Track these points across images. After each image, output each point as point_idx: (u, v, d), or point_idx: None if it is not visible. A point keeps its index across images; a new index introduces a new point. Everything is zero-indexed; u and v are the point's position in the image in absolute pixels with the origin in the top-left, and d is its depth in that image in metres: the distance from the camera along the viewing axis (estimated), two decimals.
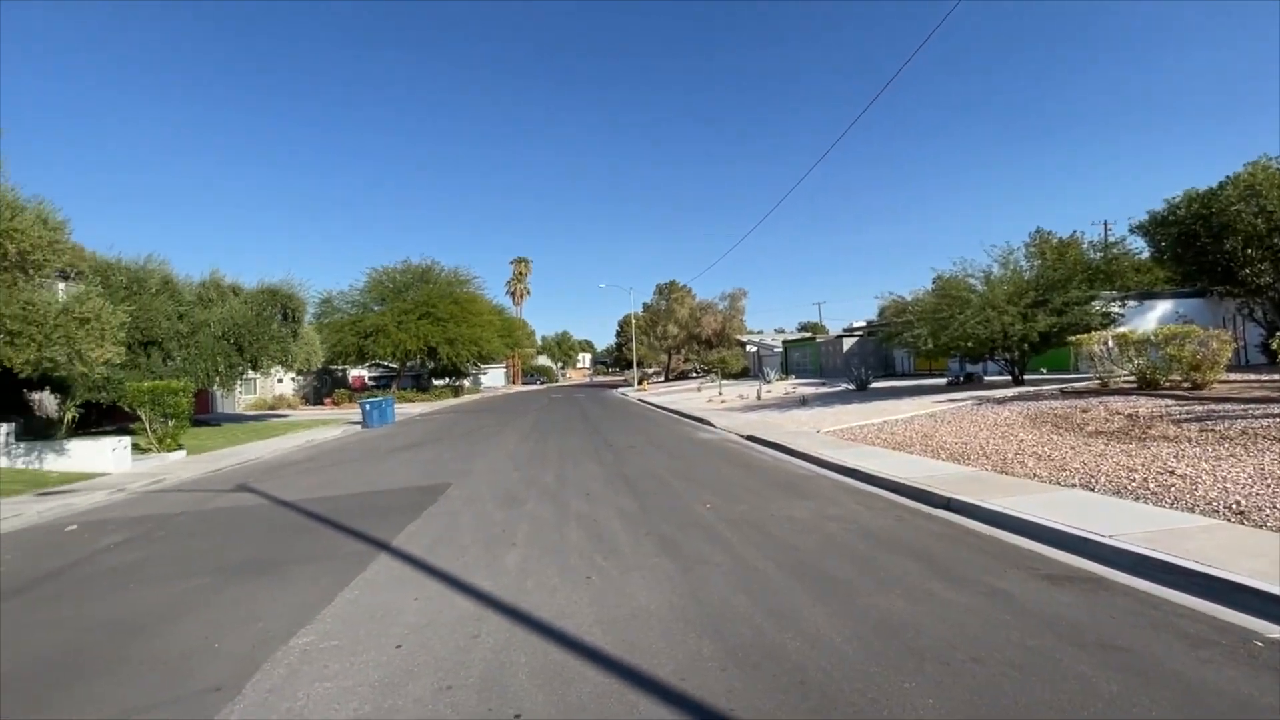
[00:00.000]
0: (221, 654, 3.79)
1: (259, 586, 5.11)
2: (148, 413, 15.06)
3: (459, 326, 40.76)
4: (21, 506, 9.27)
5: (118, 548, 6.81)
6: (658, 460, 11.10)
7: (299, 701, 3.14)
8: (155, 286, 20.50)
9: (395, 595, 4.68)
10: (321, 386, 44.63)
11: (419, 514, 7.47)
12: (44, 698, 3.37)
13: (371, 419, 23.09)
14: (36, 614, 4.80)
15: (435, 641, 3.79)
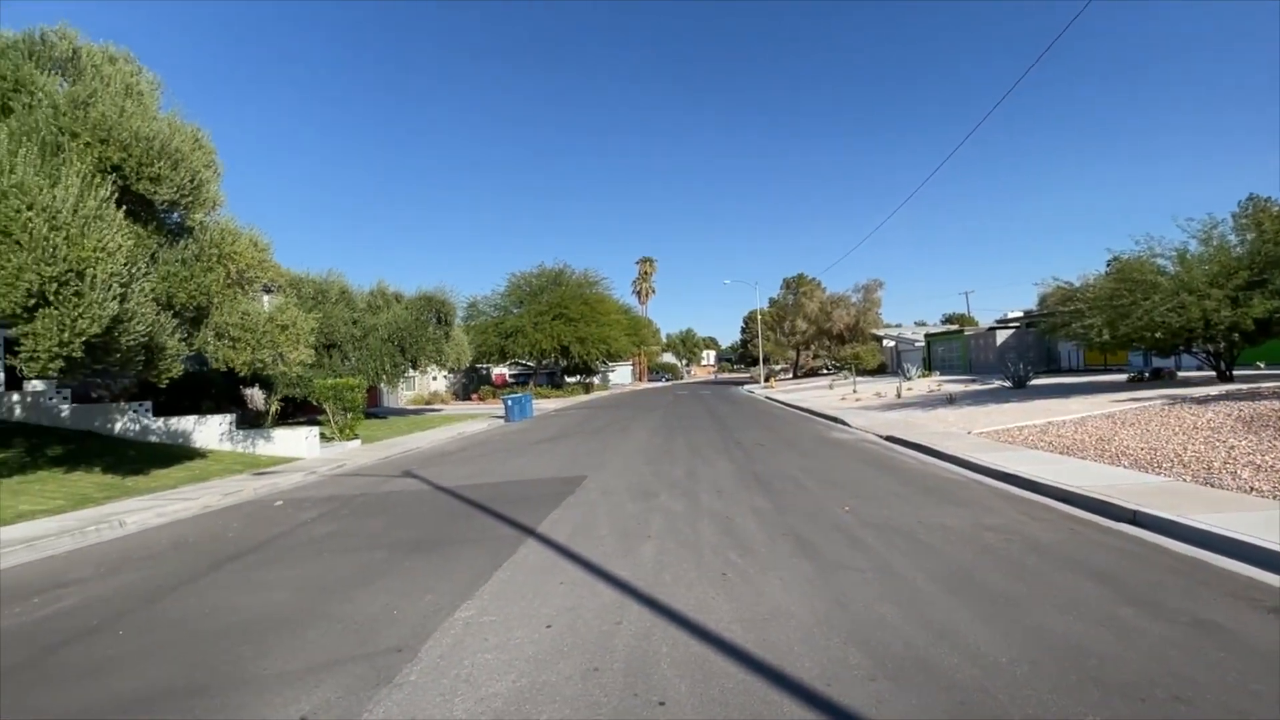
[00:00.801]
0: (399, 620, 4.28)
1: (426, 562, 5.69)
2: (331, 406, 17.34)
3: (589, 326, 42.56)
4: (243, 483, 11.08)
5: (313, 522, 7.91)
6: (789, 459, 10.81)
7: (465, 668, 3.46)
8: (335, 296, 23.52)
9: (543, 579, 5.00)
10: (469, 383, 48.60)
11: (559, 504, 7.90)
12: (268, 641, 4.02)
13: (513, 414, 24.77)
14: (258, 574, 5.72)
15: (581, 625, 3.99)
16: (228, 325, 11.73)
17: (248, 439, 15.38)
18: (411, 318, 24.23)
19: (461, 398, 45.78)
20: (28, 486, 10.17)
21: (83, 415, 14.96)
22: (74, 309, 7.85)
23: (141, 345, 9.43)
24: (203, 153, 11.82)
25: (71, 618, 4.79)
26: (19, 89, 10.13)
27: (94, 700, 3.37)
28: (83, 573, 6.17)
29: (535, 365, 48.28)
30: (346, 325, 22.93)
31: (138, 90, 11.83)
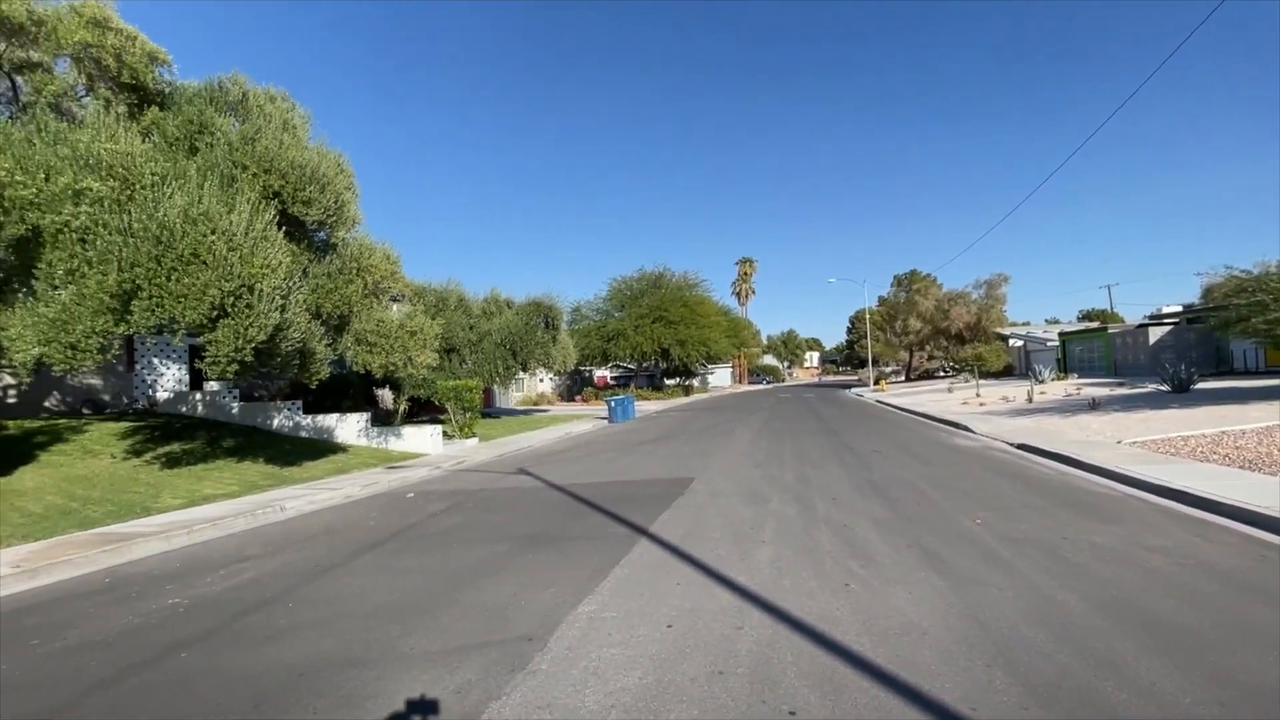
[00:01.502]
0: (526, 609, 4.50)
1: (546, 556, 5.95)
2: (452, 406, 18.57)
3: (688, 328, 42.64)
4: (378, 476, 12.13)
5: (441, 514, 8.51)
6: (908, 467, 10.21)
7: (592, 661, 3.57)
8: (453, 303, 25.18)
9: (659, 578, 5.06)
10: (573, 385, 50.24)
11: (669, 505, 7.96)
12: (411, 622, 4.37)
13: (616, 415, 25.30)
14: (397, 561, 6.24)
15: (701, 627, 4.00)
16: (366, 331, 12.90)
17: (380, 435, 16.81)
18: (522, 323, 25.42)
19: (566, 399, 47.41)
20: (210, 473, 11.75)
21: (248, 412, 17.05)
22: (246, 319, 8.98)
23: (297, 350, 10.60)
24: (344, 176, 13.10)
25: (250, 589, 5.47)
26: (202, 130, 11.75)
27: (275, 663, 3.83)
28: (255, 551, 7.03)
29: (636, 367, 49.04)
30: (464, 330, 24.48)
31: (292, 124, 13.32)
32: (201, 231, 8.73)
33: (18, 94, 11.39)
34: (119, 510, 8.89)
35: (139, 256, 8.41)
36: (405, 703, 3.21)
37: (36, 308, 8.47)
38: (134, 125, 10.75)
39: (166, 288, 8.45)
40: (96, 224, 8.41)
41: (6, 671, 3.94)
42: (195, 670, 3.81)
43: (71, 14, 10.77)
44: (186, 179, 9.74)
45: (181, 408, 17.27)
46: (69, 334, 8.22)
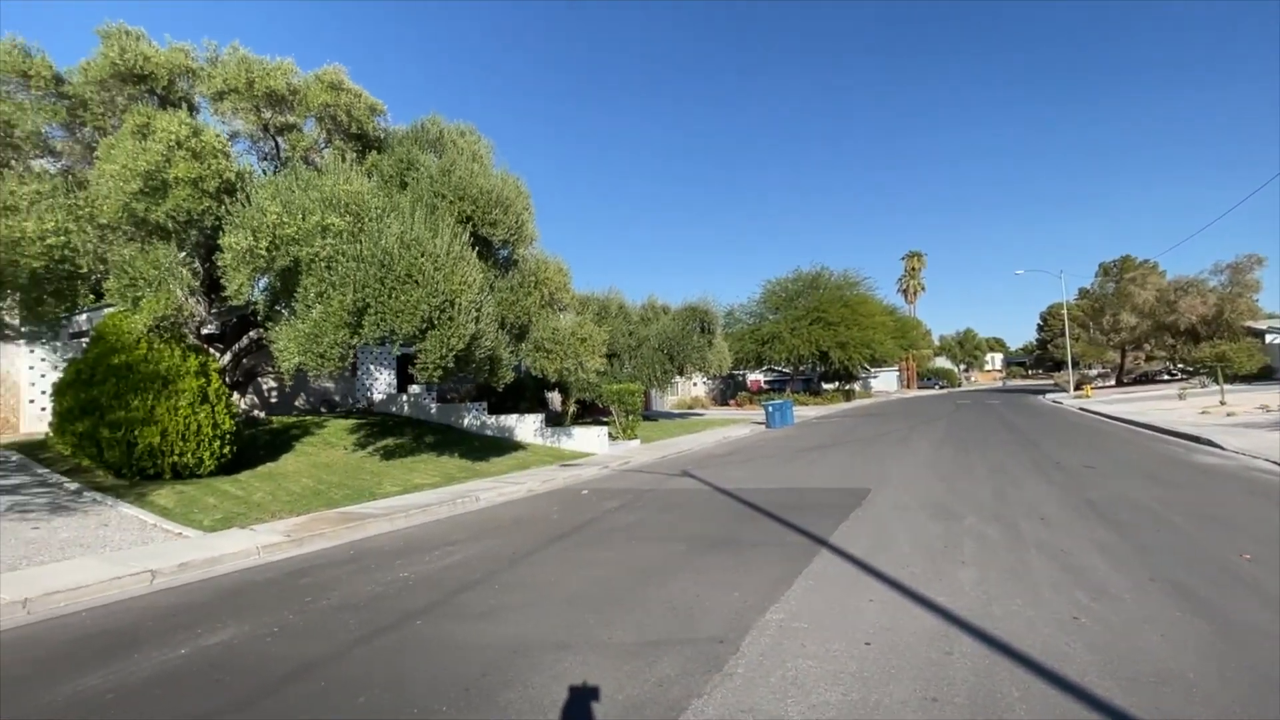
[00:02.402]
0: (712, 611, 4.55)
1: (723, 559, 5.97)
2: (616, 408, 19.43)
3: (849, 329, 40.40)
4: (554, 474, 13.05)
5: (616, 511, 8.92)
6: (1137, 486, 8.72)
7: (789, 671, 3.51)
8: (614, 311, 26.36)
9: (848, 592, 4.83)
10: (726, 389, 50.04)
11: (846, 516, 7.58)
12: (605, 612, 4.62)
13: (774, 420, 24.74)
14: (583, 553, 6.64)
15: (904, 648, 3.75)
16: (543, 339, 13.97)
17: (553, 435, 18.06)
18: (678, 328, 25.87)
19: (720, 403, 47.33)
20: (416, 465, 13.47)
21: (444, 412, 19.28)
22: (449, 330, 10.18)
23: (488, 357, 11.79)
24: (522, 198, 14.33)
25: (459, 570, 6.16)
26: (410, 167, 13.56)
27: (492, 638, 4.26)
28: (458, 536, 7.90)
29: (792, 371, 47.53)
30: (624, 336, 25.50)
31: (479, 155, 14.88)
32: (413, 255, 10.06)
33: (279, 151, 13.99)
34: (354, 494, 10.51)
35: (368, 278, 9.90)
36: (611, 688, 3.40)
37: (296, 324, 10.33)
38: (360, 168, 12.70)
39: (388, 304, 9.85)
40: (337, 253, 10.06)
41: (291, 621, 4.83)
42: (428, 637, 4.36)
43: (315, 81, 13.03)
44: (400, 210, 11.28)
45: (392, 408, 20.02)
46: (319, 345, 9.91)
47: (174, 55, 12.17)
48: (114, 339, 10.25)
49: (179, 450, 10.07)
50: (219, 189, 10.58)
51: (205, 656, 4.17)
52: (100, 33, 11.64)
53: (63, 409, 10.30)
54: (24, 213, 10.18)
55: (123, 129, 10.51)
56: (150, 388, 9.91)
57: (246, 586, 5.94)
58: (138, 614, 5.21)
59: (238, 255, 9.97)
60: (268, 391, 19.35)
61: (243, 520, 8.55)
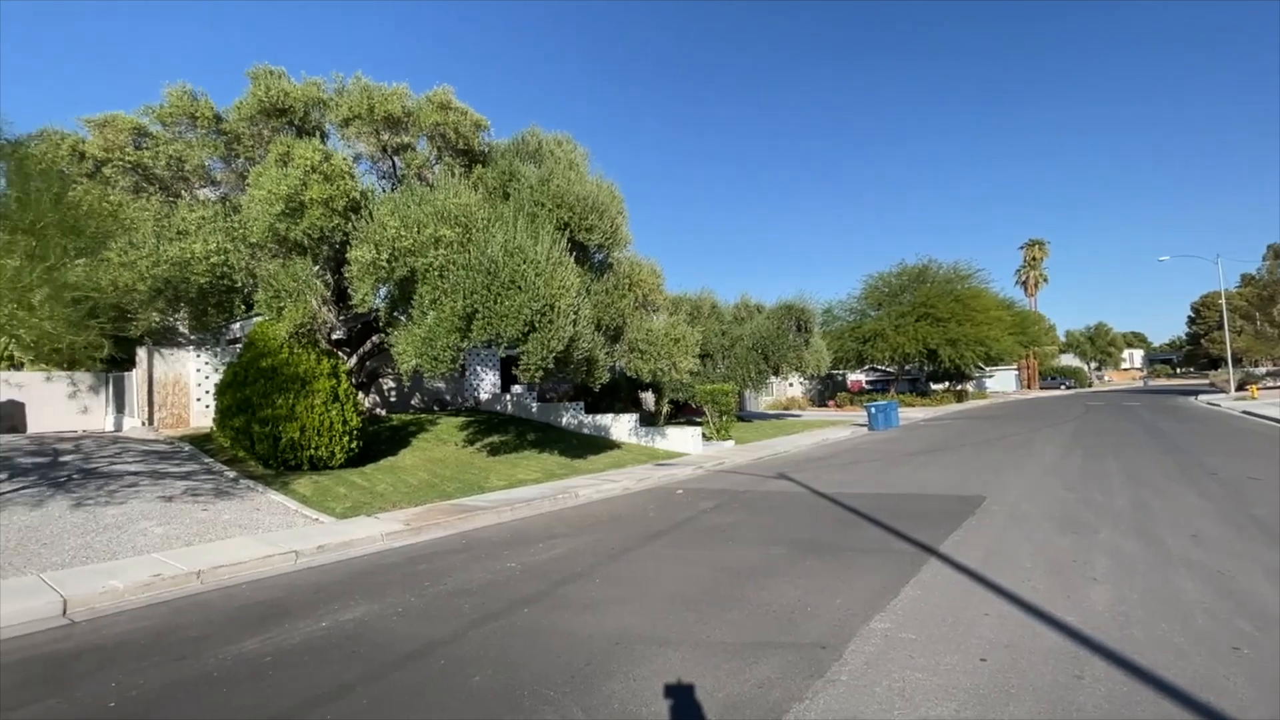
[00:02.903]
0: (814, 616, 4.45)
1: (824, 564, 5.81)
2: (709, 408, 19.37)
3: (960, 326, 37.74)
4: (649, 472, 13.23)
5: (711, 511, 8.91)
6: None
7: (896, 682, 3.38)
8: (707, 311, 26.27)
9: (960, 604, 4.57)
10: (824, 389, 48.35)
11: (958, 524, 7.14)
12: (703, 611, 4.65)
13: (876, 422, 23.62)
14: (680, 552, 6.71)
15: (1026, 667, 3.49)
16: (637, 340, 14.21)
17: (647, 435, 18.29)
18: (773, 326, 25.34)
19: (817, 404, 45.80)
20: (520, 461, 14.14)
21: (543, 411, 20.07)
22: (549, 332, 10.62)
23: (585, 358, 12.17)
24: (617, 202, 14.63)
25: (563, 563, 6.41)
26: (512, 178, 14.25)
27: (595, 630, 4.42)
28: (561, 530, 8.22)
29: (896, 371, 45.13)
30: (717, 336, 25.35)
31: (575, 163, 15.36)
32: (516, 262, 10.58)
33: (396, 170, 15.17)
34: (464, 487, 11.21)
35: (475, 285, 10.52)
36: (710, 686, 3.43)
37: (412, 329, 11.18)
38: (467, 182, 13.51)
39: (494, 309, 10.42)
40: (449, 262, 10.78)
41: (413, 603, 5.25)
42: (535, 625, 4.60)
43: (427, 102, 14.01)
44: (503, 220, 11.90)
45: (496, 406, 21.11)
46: (433, 348, 10.66)
47: (308, 89, 13.56)
48: (262, 345, 11.57)
49: (315, 444, 11.20)
50: (346, 207, 11.66)
51: (342, 630, 4.64)
52: (250, 75, 13.19)
53: (223, 406, 11.77)
54: (193, 236, 11.75)
55: (268, 158, 11.84)
56: (291, 388, 11.10)
57: (374, 569, 6.52)
58: (285, 588, 5.88)
59: (362, 267, 10.94)
60: (387, 391, 21.02)
61: (368, 509, 9.37)
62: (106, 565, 6.44)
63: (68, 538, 7.21)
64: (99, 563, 6.55)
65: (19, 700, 3.65)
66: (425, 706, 3.38)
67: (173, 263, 11.35)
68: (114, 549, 6.99)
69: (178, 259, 11.40)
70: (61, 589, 5.59)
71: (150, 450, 12.36)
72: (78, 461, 10.88)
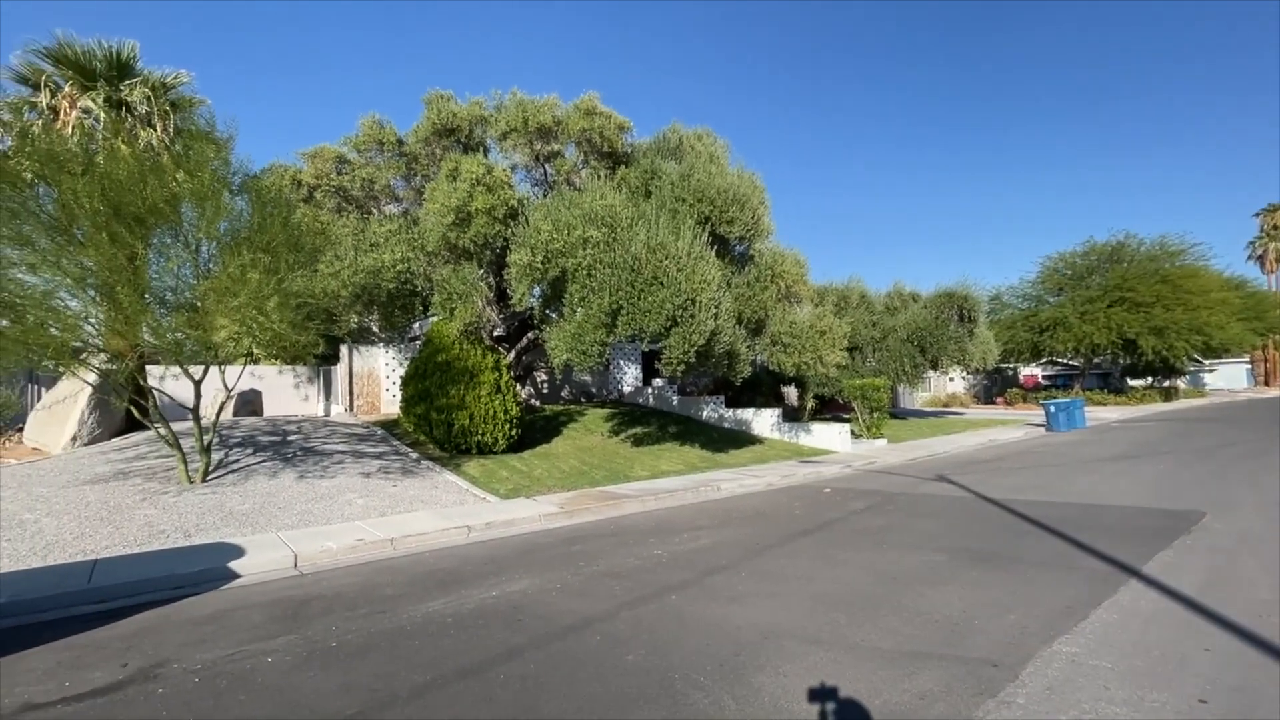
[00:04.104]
0: (982, 631, 4.10)
1: (993, 577, 5.30)
2: (858, 404, 18.38)
3: (1169, 311, 31.97)
4: (793, 469, 12.89)
5: (862, 513, 8.49)
6: None
7: (1088, 712, 3.02)
8: (855, 301, 24.89)
9: (1170, 634, 3.94)
10: (991, 385, 43.68)
11: (1169, 543, 6.12)
12: (856, 614, 4.47)
13: (1057, 422, 20.90)
14: (829, 552, 6.49)
15: (1260, 714, 2.94)
16: (780, 333, 13.88)
17: (791, 431, 17.81)
18: (931, 316, 23.38)
19: (983, 401, 41.48)
20: (662, 452, 14.48)
21: (684, 404, 20.34)
22: (690, 327, 10.75)
23: (726, 352, 12.14)
24: (758, 193, 14.36)
25: (707, 554, 6.49)
26: (653, 176, 14.56)
27: (742, 621, 4.44)
28: (704, 522, 8.31)
29: (1082, 365, 39.40)
30: (866, 328, 23.93)
31: (716, 156, 15.33)
32: (659, 259, 10.83)
33: (547, 176, 16.18)
34: (611, 476, 11.74)
35: (620, 283, 10.94)
36: (864, 691, 3.30)
37: (564, 326, 11.89)
38: (611, 183, 14.06)
39: (638, 305, 10.76)
40: (596, 262, 11.30)
41: (570, 580, 5.63)
42: (683, 611, 4.72)
43: (574, 110, 14.77)
44: (646, 218, 12.21)
45: (638, 399, 21.78)
46: (581, 343, 11.27)
47: (472, 108, 14.91)
48: (438, 341, 12.98)
49: (481, 431, 12.36)
50: (505, 215, 12.68)
51: (509, 600, 5.11)
52: (425, 100, 14.80)
53: (406, 396, 13.40)
54: (382, 247, 13.47)
55: (439, 175, 13.23)
56: (461, 380, 12.34)
57: (533, 547, 7.07)
58: (459, 559, 6.58)
59: (520, 269, 11.84)
60: (540, 383, 22.57)
61: (527, 491, 10.16)
62: (323, 529, 7.66)
63: (296, 504, 8.67)
64: (318, 526, 7.82)
65: (270, 633, 4.49)
66: (586, 678, 3.62)
67: (367, 271, 13.13)
68: (328, 515, 8.30)
69: (371, 268, 13.16)
70: (294, 546, 6.76)
71: (351, 433, 14.42)
72: (299, 441, 13.00)
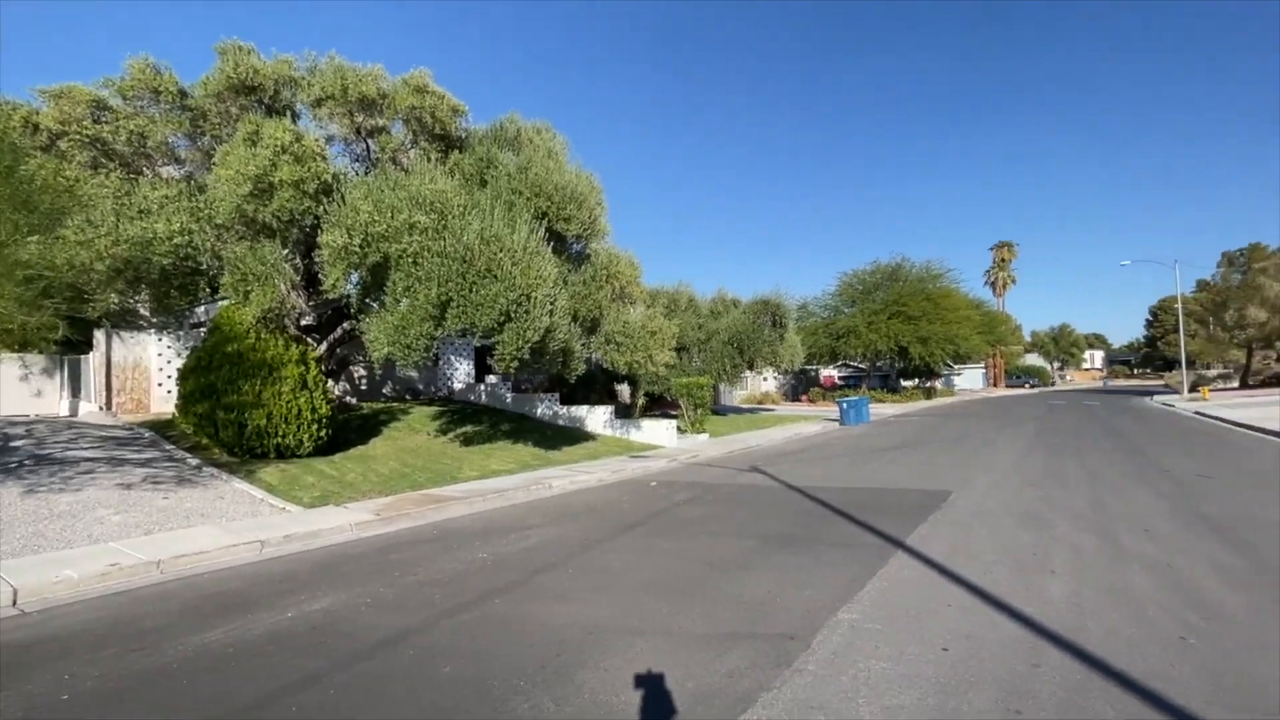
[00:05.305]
0: (783, 608, 4.52)
1: (795, 558, 5.90)
2: (684, 401, 19.46)
3: (931, 324, 38.53)
4: (624, 464, 13.25)
5: (685, 504, 8.97)
6: (1262, 500, 7.91)
7: (861, 671, 3.45)
8: (684, 304, 26.31)
9: (925, 596, 4.68)
10: (797, 385, 48.94)
11: (925, 518, 7.31)
12: (676, 602, 4.69)
13: (848, 417, 24.01)
14: (654, 543, 6.74)
15: (985, 656, 3.60)
16: (614, 332, 14.18)
17: (622, 427, 18.30)
18: (749, 321, 25.52)
19: (790, 399, 46.36)
20: (493, 451, 14.04)
21: (518, 402, 19.94)
22: (525, 322, 10.53)
23: (561, 349, 12.09)
24: (595, 193, 14.54)
25: (536, 553, 6.39)
26: (489, 165, 14.05)
27: (567, 619, 4.43)
28: (534, 520, 8.19)
29: (868, 367, 45.89)
30: (693, 330, 25.43)
31: (555, 151, 15.23)
32: (493, 250, 10.46)
33: (370, 153, 14.83)
34: (436, 477, 11.09)
35: (450, 273, 10.38)
36: (681, 675, 3.46)
37: (385, 316, 10.98)
38: (443, 167, 13.28)
39: (469, 298, 10.30)
40: (423, 249, 10.59)
41: (383, 593, 5.19)
42: (507, 615, 4.58)
43: (403, 85, 13.71)
44: (480, 208, 11.73)
45: (470, 396, 20.91)
46: (406, 336, 10.49)
47: (279, 67, 13.15)
48: (228, 329, 11.25)
49: (282, 432, 10.96)
50: (317, 190, 11.37)
51: (309, 621, 4.56)
52: (218, 49, 12.74)
53: (186, 392, 11.44)
54: (155, 215, 11.34)
55: (235, 137, 11.47)
56: (258, 374, 10.83)
57: (342, 559, 6.42)
58: (250, 579, 5.75)
59: (334, 252, 10.70)
60: (358, 379, 20.66)
61: (337, 498, 9.21)
62: (60, 554, 6.23)
63: (18, 526, 6.94)
64: (52, 551, 6.33)
65: None
66: (394, 697, 3.34)
67: (133, 242, 10.94)
68: (68, 537, 6.77)
69: (139, 239, 10.99)
70: (11, 578, 5.39)
71: (108, 436, 11.96)
72: (29, 447, 10.48)
